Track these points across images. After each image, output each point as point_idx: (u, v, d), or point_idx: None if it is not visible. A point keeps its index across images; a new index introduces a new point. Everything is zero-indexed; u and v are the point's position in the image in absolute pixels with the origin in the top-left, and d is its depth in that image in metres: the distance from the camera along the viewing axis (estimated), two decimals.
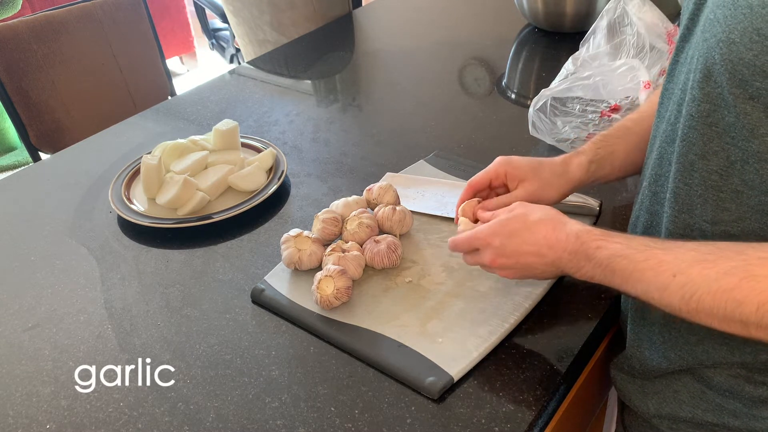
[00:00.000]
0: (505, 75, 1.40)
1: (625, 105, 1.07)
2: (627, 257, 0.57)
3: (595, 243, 0.60)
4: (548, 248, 0.63)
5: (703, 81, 0.51)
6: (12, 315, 0.82)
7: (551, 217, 0.65)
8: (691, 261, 0.52)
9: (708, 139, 0.53)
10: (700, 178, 0.54)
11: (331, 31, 1.71)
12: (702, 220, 0.56)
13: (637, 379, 0.69)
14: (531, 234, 0.65)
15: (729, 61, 0.48)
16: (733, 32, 0.47)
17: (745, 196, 0.52)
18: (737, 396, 0.59)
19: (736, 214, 0.53)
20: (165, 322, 0.79)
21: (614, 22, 1.12)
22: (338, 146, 1.15)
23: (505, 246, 0.66)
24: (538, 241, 0.64)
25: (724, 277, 0.50)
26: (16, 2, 2.53)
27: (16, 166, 2.42)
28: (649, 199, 0.64)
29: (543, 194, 0.75)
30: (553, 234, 0.63)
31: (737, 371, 0.59)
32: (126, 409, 0.68)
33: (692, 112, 0.53)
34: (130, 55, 1.82)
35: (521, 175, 0.76)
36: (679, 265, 0.53)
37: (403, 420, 0.64)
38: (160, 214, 0.97)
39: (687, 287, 0.52)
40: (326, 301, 0.75)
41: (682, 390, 0.64)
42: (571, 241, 0.62)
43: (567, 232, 0.63)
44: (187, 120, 1.28)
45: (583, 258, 0.61)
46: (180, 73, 3.91)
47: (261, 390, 0.69)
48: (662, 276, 0.53)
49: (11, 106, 1.63)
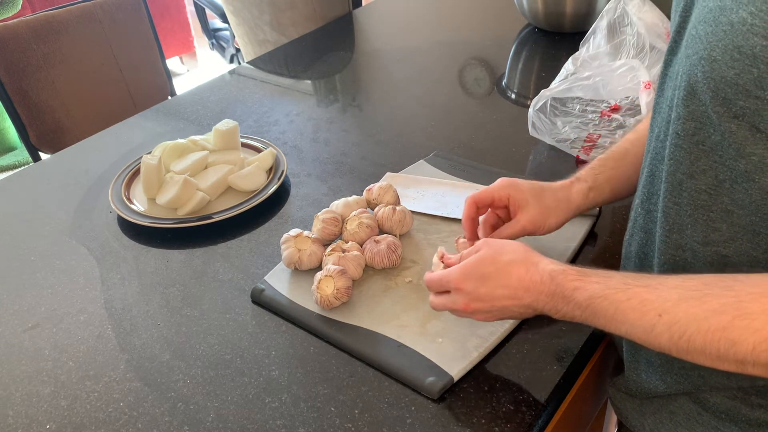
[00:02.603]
0: (505, 75, 1.40)
1: (625, 105, 1.07)
2: (607, 298, 0.54)
3: (572, 284, 0.57)
4: (524, 291, 0.61)
5: (687, 98, 0.50)
6: (12, 315, 0.82)
7: (523, 257, 0.62)
8: (676, 299, 0.50)
9: (695, 157, 0.51)
10: (689, 198, 0.53)
11: (331, 31, 1.71)
12: (693, 240, 0.54)
13: (635, 399, 0.68)
14: (504, 277, 0.62)
15: (711, 80, 0.46)
16: (714, 50, 0.45)
17: (735, 216, 0.50)
18: (734, 419, 0.58)
19: (727, 235, 0.52)
20: (165, 322, 0.79)
21: (614, 22, 1.12)
22: (338, 146, 1.15)
23: (477, 290, 0.63)
24: (511, 284, 0.61)
25: (713, 316, 0.47)
26: (16, 2, 2.53)
27: (16, 166, 2.42)
28: (642, 218, 0.63)
29: (545, 221, 0.75)
30: (527, 276, 0.61)
31: (734, 393, 0.58)
32: (126, 409, 0.68)
33: (678, 130, 0.52)
34: (130, 55, 1.82)
35: (524, 200, 0.75)
36: (663, 305, 0.50)
37: (403, 420, 0.64)
38: (160, 214, 0.97)
39: (675, 327, 0.49)
40: (326, 301, 0.75)
41: (679, 411, 0.63)
42: (546, 282, 0.59)
43: (541, 273, 0.60)
44: (187, 120, 1.28)
45: (560, 300, 0.58)
46: (180, 73, 3.91)
47: (261, 390, 0.69)
48: (647, 316, 0.51)
49: (11, 106, 1.63)
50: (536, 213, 0.75)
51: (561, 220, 0.76)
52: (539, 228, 0.75)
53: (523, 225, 0.75)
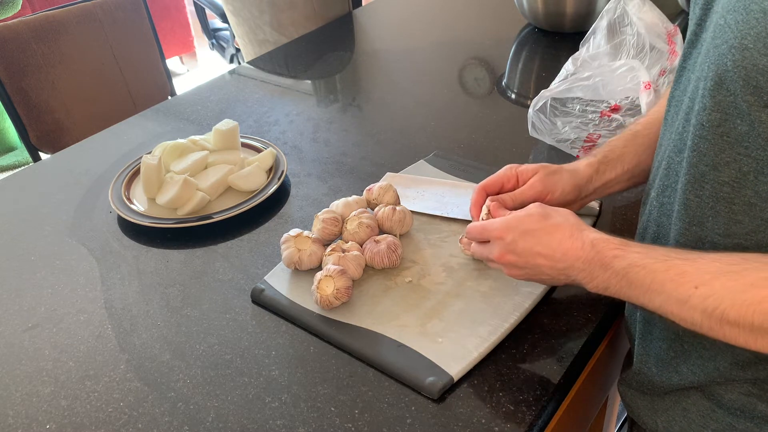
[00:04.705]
0: (505, 75, 1.40)
1: (625, 105, 1.07)
2: (645, 267, 0.54)
3: (612, 252, 0.57)
4: (562, 254, 0.61)
5: (714, 89, 0.50)
6: (12, 315, 0.82)
7: (570, 222, 0.63)
8: (715, 272, 0.50)
9: (719, 149, 0.51)
10: (711, 190, 0.53)
11: (331, 31, 1.71)
12: (714, 233, 0.54)
13: (646, 396, 0.68)
14: (546, 236, 0.62)
15: (742, 68, 0.46)
16: (746, 38, 0.46)
17: (758, 209, 0.50)
18: (748, 415, 0.58)
19: (749, 227, 0.52)
20: (165, 322, 0.79)
21: (614, 22, 1.12)
22: (338, 146, 1.15)
23: (516, 243, 0.64)
24: (552, 244, 0.62)
25: (751, 289, 0.48)
26: (16, 2, 2.53)
27: (16, 166, 2.41)
28: (657, 210, 0.63)
29: (556, 183, 0.74)
30: (569, 240, 0.61)
31: (749, 389, 0.57)
32: (126, 409, 0.68)
33: (702, 121, 0.52)
34: (130, 55, 1.82)
35: (533, 169, 0.75)
36: (702, 277, 0.50)
37: (403, 420, 0.64)
38: (160, 214, 0.97)
39: (710, 300, 0.49)
40: (326, 301, 0.75)
41: (692, 408, 0.62)
42: (587, 249, 0.60)
43: (583, 240, 0.60)
44: (187, 120, 1.28)
45: (597, 267, 0.58)
46: (180, 73, 3.91)
47: (261, 390, 0.69)
48: (683, 287, 0.51)
49: (11, 106, 1.63)
50: (546, 175, 0.75)
51: (569, 186, 0.75)
52: (550, 189, 0.74)
53: (533, 184, 0.74)
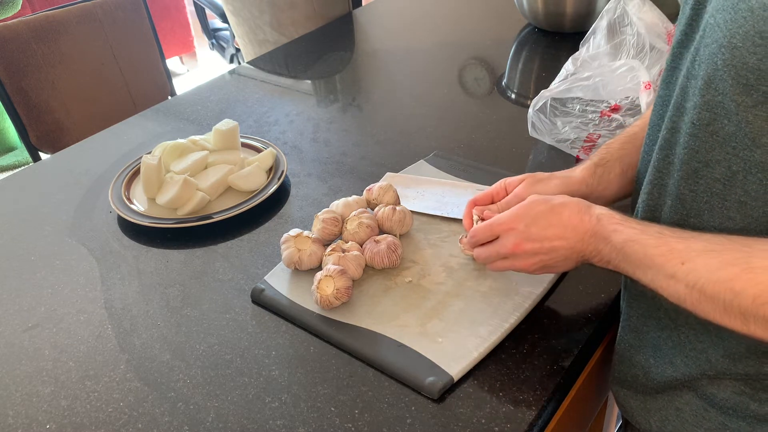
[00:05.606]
0: (505, 75, 1.40)
1: (625, 105, 1.07)
2: (639, 242, 0.56)
3: (612, 226, 0.59)
4: (572, 230, 0.63)
5: (704, 88, 0.51)
6: (12, 315, 0.82)
7: (575, 200, 0.65)
8: (700, 250, 0.52)
9: (710, 147, 0.52)
10: (705, 185, 0.54)
11: (331, 31, 1.71)
12: (710, 225, 0.55)
13: (639, 395, 0.68)
14: (555, 216, 0.64)
15: (732, 67, 0.47)
16: (734, 37, 0.46)
17: (749, 207, 0.51)
18: (741, 414, 0.59)
19: (740, 224, 0.53)
20: (165, 322, 0.79)
21: (614, 22, 1.12)
22: (338, 146, 1.15)
23: (529, 229, 0.65)
24: (562, 222, 0.63)
25: (725, 267, 0.50)
26: (16, 2, 2.53)
27: (16, 166, 2.41)
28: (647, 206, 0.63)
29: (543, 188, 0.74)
30: (577, 216, 0.63)
31: (741, 388, 0.58)
32: (126, 409, 0.68)
33: (694, 120, 0.53)
34: (130, 55, 1.82)
35: (518, 180, 0.76)
36: (689, 254, 0.52)
37: (403, 420, 0.64)
38: (160, 214, 0.97)
39: (692, 275, 0.52)
40: (326, 301, 0.75)
41: (685, 408, 0.63)
42: (593, 222, 0.61)
43: (590, 214, 0.62)
44: (187, 120, 1.28)
45: (601, 240, 0.60)
46: (180, 73, 3.91)
47: (261, 390, 0.69)
48: (671, 263, 0.53)
49: (11, 106, 1.63)
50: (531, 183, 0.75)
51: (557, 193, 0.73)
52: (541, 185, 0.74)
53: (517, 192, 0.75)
